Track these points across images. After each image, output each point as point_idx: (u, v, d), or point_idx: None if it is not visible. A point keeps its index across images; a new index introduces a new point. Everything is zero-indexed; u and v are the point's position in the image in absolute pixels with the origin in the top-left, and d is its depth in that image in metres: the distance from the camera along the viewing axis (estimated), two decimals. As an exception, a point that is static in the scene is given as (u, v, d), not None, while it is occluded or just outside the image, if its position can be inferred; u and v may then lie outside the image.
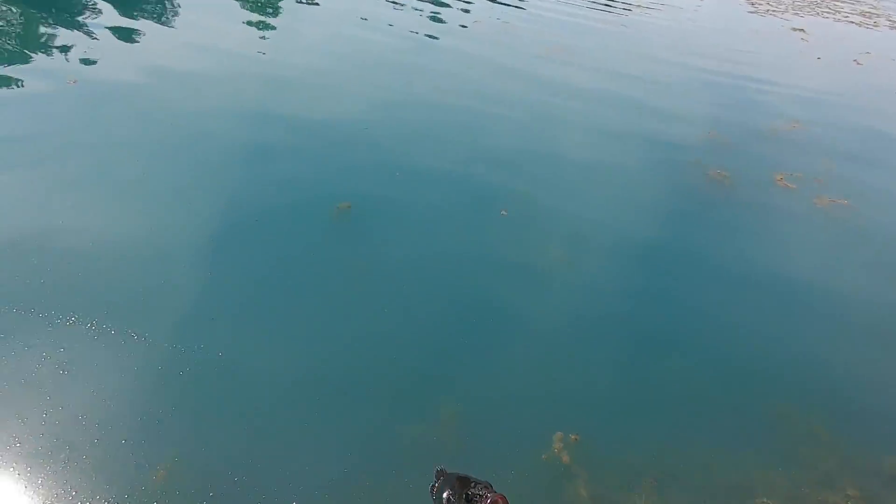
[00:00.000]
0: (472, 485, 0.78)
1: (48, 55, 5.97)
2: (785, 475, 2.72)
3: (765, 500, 2.56)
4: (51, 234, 3.54)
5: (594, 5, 11.82)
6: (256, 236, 3.87)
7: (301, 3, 9.35)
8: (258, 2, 9.00)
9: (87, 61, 5.93)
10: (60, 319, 2.95)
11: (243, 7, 8.64)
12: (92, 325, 2.94)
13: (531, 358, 3.25)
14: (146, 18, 7.35)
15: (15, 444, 2.36)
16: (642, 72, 8.86)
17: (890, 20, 15.44)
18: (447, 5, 10.14)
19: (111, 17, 7.11)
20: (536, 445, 2.70)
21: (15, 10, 6.98)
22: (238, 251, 3.71)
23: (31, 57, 5.87)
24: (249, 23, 7.95)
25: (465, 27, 9.32)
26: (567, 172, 5.54)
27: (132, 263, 3.43)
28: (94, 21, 6.89)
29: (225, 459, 2.42)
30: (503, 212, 4.55)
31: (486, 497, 0.77)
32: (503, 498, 0.75)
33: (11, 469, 2.27)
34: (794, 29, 12.99)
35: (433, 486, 0.73)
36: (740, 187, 5.76)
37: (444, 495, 0.82)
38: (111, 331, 2.93)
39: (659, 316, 3.78)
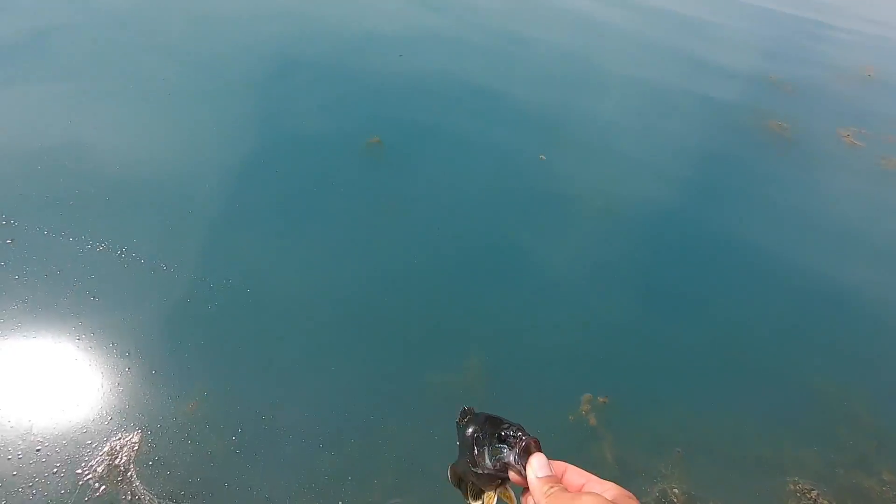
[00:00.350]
0: (506, 426, 0.75)
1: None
2: (819, 454, 2.64)
3: (796, 478, 2.49)
4: (77, 153, 3.46)
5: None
6: (285, 168, 3.72)
7: None
8: None
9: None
10: (90, 245, 2.93)
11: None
12: (121, 252, 2.92)
13: (562, 314, 3.14)
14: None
15: (51, 368, 2.41)
16: (697, 8, 8.02)
17: None
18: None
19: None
20: (563, 404, 2.65)
21: None
22: (266, 182, 3.60)
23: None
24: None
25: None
26: (612, 119, 5.15)
27: (160, 189, 3.35)
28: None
29: (253, 397, 2.43)
30: (542, 156, 4.29)
31: (522, 438, 0.71)
32: (536, 441, 0.72)
33: (48, 392, 2.33)
34: (883, -41, 11.48)
35: (458, 421, 0.75)
36: (801, 142, 5.31)
37: (470, 430, 0.78)
38: (140, 260, 2.90)
39: (696, 280, 3.59)
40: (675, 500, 2.39)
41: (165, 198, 3.31)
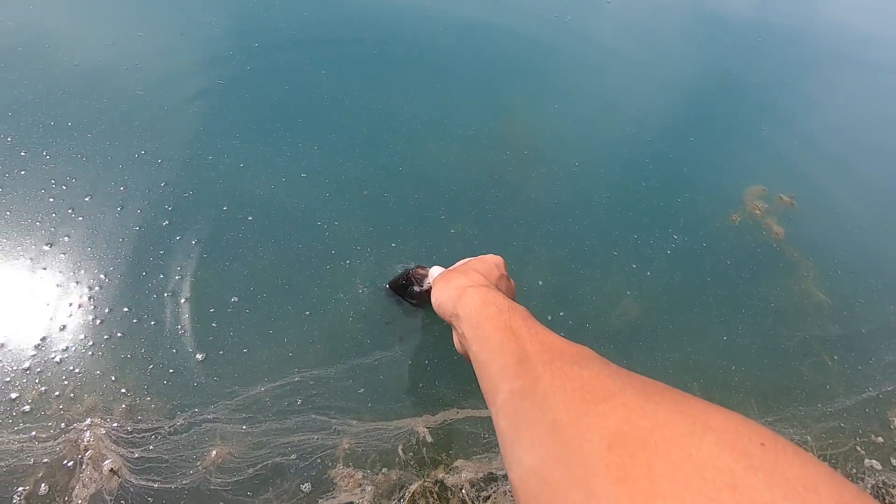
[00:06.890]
0: (404, 274, 1.04)
1: None
2: None
3: None
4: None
5: None
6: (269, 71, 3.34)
7: None
8: None
9: None
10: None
11: None
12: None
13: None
14: None
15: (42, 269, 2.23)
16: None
17: None
18: None
19: None
20: (716, 195, 2.00)
21: None
22: (249, 86, 3.24)
23: None
24: None
25: None
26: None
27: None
28: None
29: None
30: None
31: (409, 273, 1.01)
32: (419, 266, 1.01)
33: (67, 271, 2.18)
34: None
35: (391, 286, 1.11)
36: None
37: (391, 288, 1.08)
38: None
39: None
40: None
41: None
